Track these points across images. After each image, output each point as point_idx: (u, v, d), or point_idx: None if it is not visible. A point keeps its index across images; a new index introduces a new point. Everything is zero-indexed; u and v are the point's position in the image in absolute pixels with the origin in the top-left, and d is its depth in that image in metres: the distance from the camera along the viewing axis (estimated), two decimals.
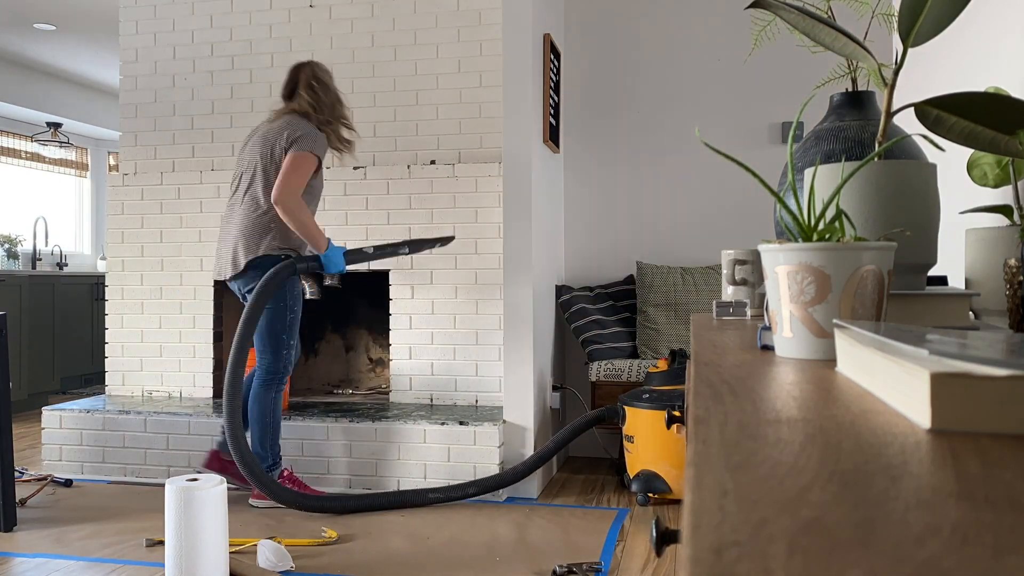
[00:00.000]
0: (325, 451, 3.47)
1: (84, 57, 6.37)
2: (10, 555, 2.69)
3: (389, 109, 3.98)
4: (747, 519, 0.30)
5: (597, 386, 3.76)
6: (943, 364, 0.47)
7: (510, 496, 3.35)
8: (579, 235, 4.27)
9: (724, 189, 4.13)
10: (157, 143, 4.24)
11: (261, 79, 4.12)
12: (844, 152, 1.24)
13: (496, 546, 2.74)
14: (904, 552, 0.26)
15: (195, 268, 4.08)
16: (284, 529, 2.93)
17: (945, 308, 0.96)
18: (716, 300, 1.41)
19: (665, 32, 4.18)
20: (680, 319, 3.88)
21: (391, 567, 2.55)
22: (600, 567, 2.50)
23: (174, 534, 2.31)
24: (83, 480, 3.67)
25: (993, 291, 1.15)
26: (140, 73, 4.26)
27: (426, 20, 3.95)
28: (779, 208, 1.11)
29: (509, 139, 3.46)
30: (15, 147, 6.93)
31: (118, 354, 4.19)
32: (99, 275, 6.39)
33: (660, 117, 4.19)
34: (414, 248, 3.28)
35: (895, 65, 1.03)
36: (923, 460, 0.39)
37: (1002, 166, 1.29)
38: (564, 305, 3.96)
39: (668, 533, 0.72)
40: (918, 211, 1.01)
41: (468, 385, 3.77)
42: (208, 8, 4.18)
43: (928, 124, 0.99)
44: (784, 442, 0.43)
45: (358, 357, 4.51)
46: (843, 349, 0.67)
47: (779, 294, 0.80)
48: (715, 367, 0.74)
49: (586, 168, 4.26)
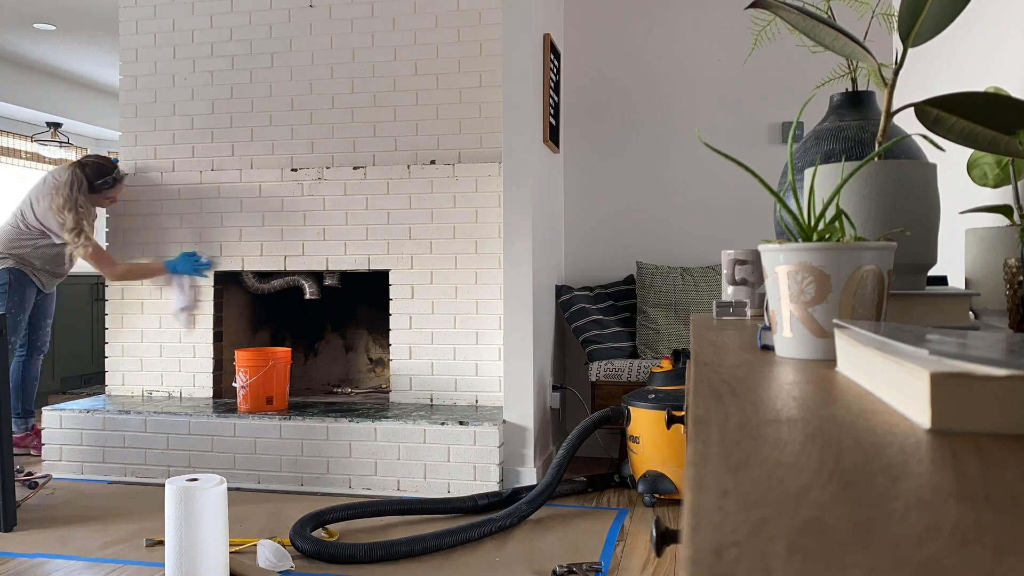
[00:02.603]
0: (325, 451, 3.47)
1: (84, 57, 6.37)
2: (10, 555, 2.69)
3: (389, 109, 3.98)
4: (747, 519, 0.30)
5: (597, 386, 3.76)
6: (943, 364, 0.47)
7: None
8: (579, 235, 4.27)
9: (724, 189, 4.13)
10: (157, 143, 4.24)
11: (261, 79, 4.12)
12: (844, 152, 1.24)
13: (496, 546, 2.74)
14: (904, 552, 0.26)
15: None
16: (284, 529, 2.93)
17: (945, 308, 0.96)
18: (716, 300, 1.41)
19: (665, 32, 4.18)
20: (680, 319, 3.88)
21: (391, 567, 2.55)
22: (600, 567, 2.50)
23: (174, 534, 2.31)
24: (83, 480, 3.67)
25: (993, 291, 1.15)
26: (140, 73, 4.26)
27: (426, 20, 3.95)
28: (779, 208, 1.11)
29: (509, 139, 3.46)
30: (15, 147, 6.93)
31: (118, 354, 4.19)
32: (99, 275, 6.39)
33: (660, 117, 4.19)
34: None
35: (895, 65, 1.03)
36: (923, 460, 0.39)
37: (1002, 166, 1.29)
38: (564, 305, 3.96)
39: (668, 533, 0.72)
40: (918, 211, 1.01)
41: (468, 385, 3.77)
42: (208, 8, 4.18)
43: (928, 124, 0.99)
44: (784, 442, 0.43)
45: (358, 357, 4.51)
46: (843, 349, 0.67)
47: (779, 294, 0.80)
48: (715, 367, 0.74)
49: (586, 168, 4.26)
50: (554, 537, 2.83)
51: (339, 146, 4.02)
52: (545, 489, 3.02)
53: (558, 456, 3.13)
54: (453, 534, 2.71)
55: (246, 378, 3.64)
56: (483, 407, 3.69)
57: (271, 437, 3.52)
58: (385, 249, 3.85)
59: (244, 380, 3.64)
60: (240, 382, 3.65)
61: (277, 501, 3.30)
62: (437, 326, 3.80)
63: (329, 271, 3.98)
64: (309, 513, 2.84)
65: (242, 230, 4.01)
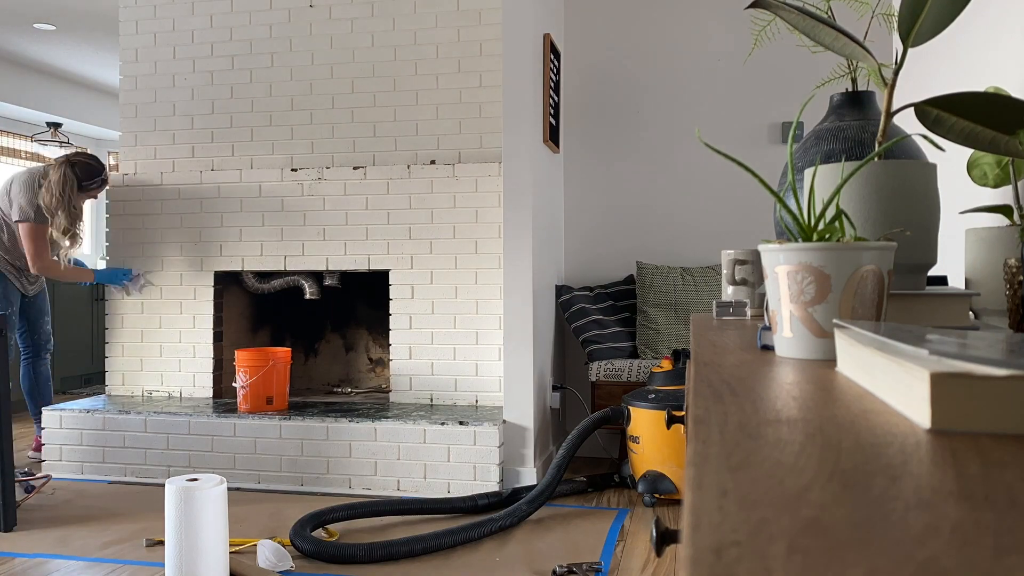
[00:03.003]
0: (325, 451, 3.47)
1: (84, 57, 6.37)
2: (10, 555, 2.69)
3: (389, 109, 3.98)
4: (747, 519, 0.30)
5: (597, 386, 3.76)
6: (943, 364, 0.47)
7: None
8: (579, 235, 4.27)
9: (724, 189, 4.13)
10: (157, 143, 4.24)
11: (261, 79, 4.12)
12: (844, 152, 1.24)
13: (496, 546, 2.74)
14: (904, 552, 0.26)
15: (195, 268, 4.08)
16: (284, 529, 2.93)
17: (945, 308, 0.96)
18: (716, 300, 1.41)
19: (665, 32, 4.18)
20: (680, 319, 3.88)
21: (391, 566, 2.55)
22: (600, 567, 2.50)
23: (174, 534, 2.31)
24: (83, 480, 3.67)
25: (993, 291, 1.15)
26: (140, 73, 4.26)
27: (426, 20, 3.95)
28: (779, 208, 1.11)
29: (509, 139, 3.46)
30: (15, 147, 6.93)
31: (118, 354, 4.19)
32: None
33: (660, 117, 4.19)
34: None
35: (895, 65, 1.03)
36: (923, 460, 0.39)
37: (1002, 166, 1.29)
38: (564, 305, 3.96)
39: (668, 533, 0.72)
40: (918, 211, 1.01)
41: (468, 385, 3.77)
42: (208, 8, 4.18)
43: (928, 124, 0.99)
44: (784, 442, 0.43)
45: (358, 357, 4.51)
46: (843, 349, 0.67)
47: (779, 294, 0.80)
48: (715, 367, 0.74)
49: (586, 168, 4.26)
50: (554, 537, 2.83)
51: (339, 146, 4.03)
52: (545, 489, 3.02)
53: (558, 456, 3.13)
54: (453, 534, 2.70)
55: (246, 378, 3.64)
56: (483, 407, 3.69)
57: (271, 437, 3.52)
58: (385, 249, 3.85)
59: (244, 380, 3.64)
60: (240, 382, 3.65)
61: (277, 501, 3.30)
62: (437, 326, 3.80)
63: (329, 271, 3.98)
64: (309, 513, 2.84)
65: (242, 230, 4.01)
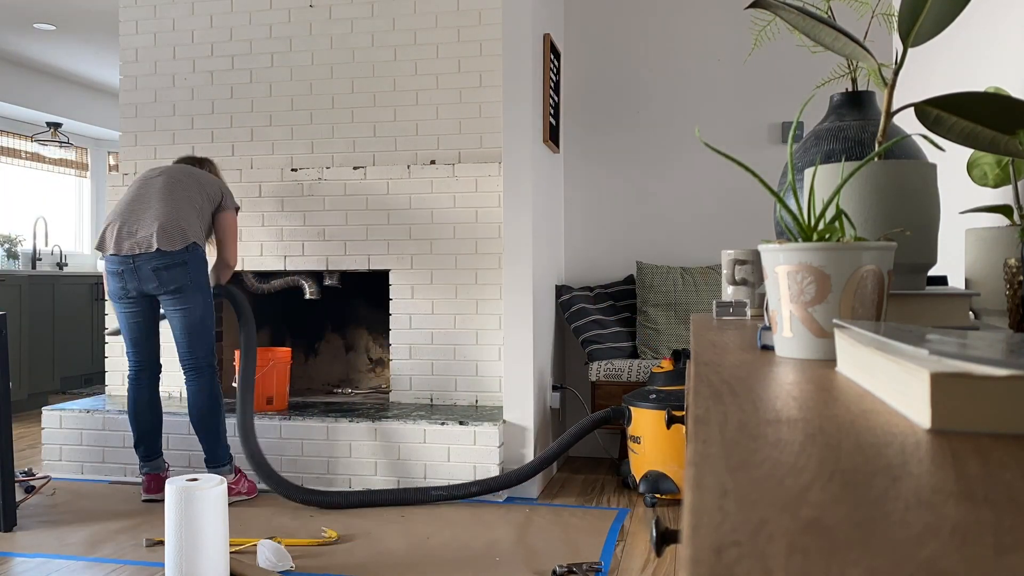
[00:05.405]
0: (325, 451, 3.47)
1: (84, 57, 6.37)
2: (10, 555, 2.69)
3: (389, 109, 3.98)
4: (747, 519, 0.30)
5: (597, 386, 3.76)
6: (943, 364, 0.47)
7: (510, 496, 3.35)
8: (579, 235, 4.27)
9: (724, 189, 4.13)
10: (157, 143, 4.24)
11: (261, 79, 4.12)
12: (844, 152, 1.24)
13: (496, 546, 2.74)
14: (904, 552, 0.26)
15: None
16: (284, 529, 2.93)
17: (945, 308, 0.96)
18: (716, 300, 1.41)
19: (665, 32, 4.18)
20: (680, 319, 3.88)
21: (391, 567, 2.55)
22: (600, 567, 2.50)
23: (174, 534, 2.31)
24: (83, 480, 3.67)
25: (993, 291, 1.15)
26: (140, 73, 4.26)
27: (426, 20, 3.95)
28: (779, 208, 1.11)
29: (509, 139, 3.46)
30: (15, 147, 6.93)
31: (118, 354, 4.19)
32: (99, 275, 6.39)
33: (660, 117, 4.19)
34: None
35: (895, 65, 1.03)
36: (923, 460, 0.39)
37: (1002, 166, 1.29)
38: (564, 305, 3.96)
39: (668, 533, 0.72)
40: (918, 211, 1.01)
41: (468, 385, 3.77)
42: (208, 8, 4.18)
43: (928, 124, 0.99)
44: (784, 442, 0.43)
45: (358, 357, 4.51)
46: (843, 349, 0.67)
47: (779, 294, 0.80)
48: (715, 367, 0.74)
49: (586, 168, 4.26)
50: (554, 537, 2.83)
51: (339, 146, 4.03)
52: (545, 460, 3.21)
53: (547, 449, 3.21)
54: (441, 490, 3.14)
55: None
56: (483, 407, 3.69)
57: (271, 437, 3.52)
58: (385, 249, 3.85)
59: None
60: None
61: (277, 501, 3.30)
62: (437, 326, 3.80)
63: (329, 271, 3.98)
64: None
65: (242, 230, 4.01)
